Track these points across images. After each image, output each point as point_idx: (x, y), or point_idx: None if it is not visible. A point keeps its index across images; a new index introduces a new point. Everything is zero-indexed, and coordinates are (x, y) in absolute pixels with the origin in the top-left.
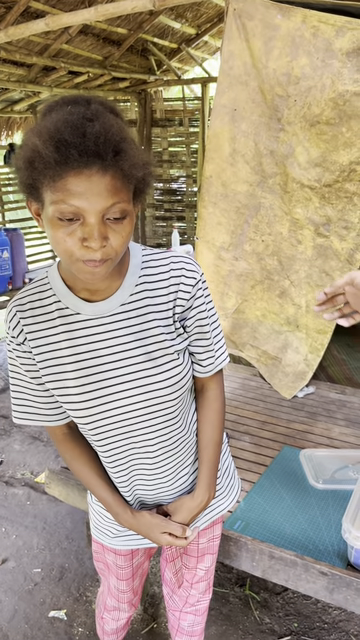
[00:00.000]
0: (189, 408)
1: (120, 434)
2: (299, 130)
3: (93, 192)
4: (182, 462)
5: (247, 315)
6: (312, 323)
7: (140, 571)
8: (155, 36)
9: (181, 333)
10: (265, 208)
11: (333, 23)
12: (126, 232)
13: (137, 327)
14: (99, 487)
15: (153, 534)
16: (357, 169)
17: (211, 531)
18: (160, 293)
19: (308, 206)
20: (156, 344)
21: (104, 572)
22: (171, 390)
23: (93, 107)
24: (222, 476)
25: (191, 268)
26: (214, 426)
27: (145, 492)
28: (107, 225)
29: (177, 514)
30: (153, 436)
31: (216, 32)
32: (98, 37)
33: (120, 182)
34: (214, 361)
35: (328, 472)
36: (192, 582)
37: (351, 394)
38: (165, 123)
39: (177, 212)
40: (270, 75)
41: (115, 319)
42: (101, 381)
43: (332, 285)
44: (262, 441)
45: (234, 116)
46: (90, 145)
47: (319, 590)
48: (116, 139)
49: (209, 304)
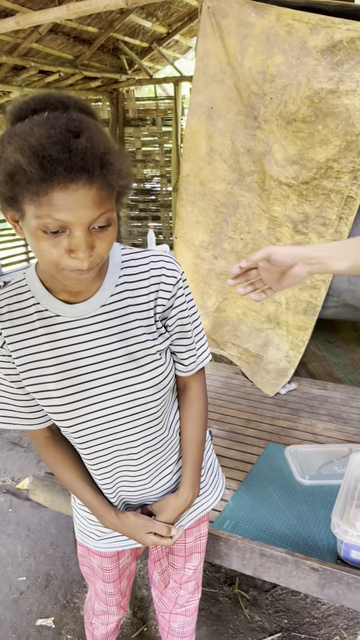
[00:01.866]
0: (171, 407)
1: (104, 436)
2: (276, 128)
3: (80, 206)
4: (165, 461)
5: (228, 313)
6: (292, 320)
7: (127, 572)
8: (126, 35)
9: (163, 332)
10: (243, 206)
11: (307, 21)
12: (111, 238)
13: (118, 328)
14: (83, 490)
15: (138, 535)
16: (334, 166)
17: (197, 530)
18: (141, 293)
19: (286, 204)
20: (138, 344)
21: (90, 577)
22: (154, 390)
23: (74, 116)
24: (206, 474)
25: (171, 267)
26: (197, 424)
27: (129, 493)
28: (93, 234)
29: (162, 513)
30: (137, 437)
31: (187, 31)
32: (69, 36)
33: (105, 192)
34: (196, 360)
35: (314, 468)
36: (181, 582)
37: (332, 389)
38: (138, 123)
39: (152, 212)
40: (246, 73)
41: (96, 320)
42: (83, 383)
43: (248, 259)
44: (247, 439)
45: (210, 114)
46: (77, 161)
47: (310, 586)
48: (102, 152)
49: (190, 302)
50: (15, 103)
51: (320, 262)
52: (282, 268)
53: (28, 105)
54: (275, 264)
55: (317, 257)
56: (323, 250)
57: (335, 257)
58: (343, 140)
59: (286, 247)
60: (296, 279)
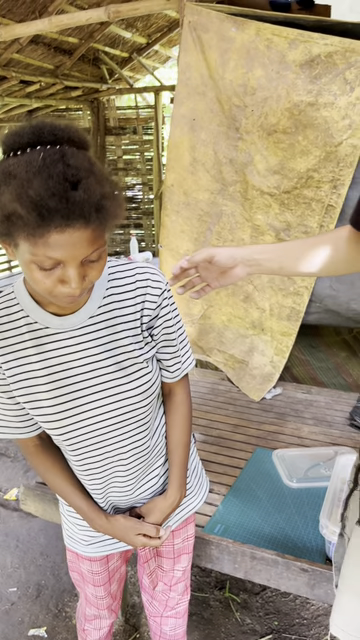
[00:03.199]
0: (158, 412)
1: (94, 443)
2: (257, 139)
3: (75, 246)
4: (152, 465)
5: (213, 320)
6: (276, 326)
7: (117, 576)
8: (106, 45)
9: (149, 341)
10: (227, 215)
11: (286, 36)
12: (102, 266)
13: (106, 338)
14: (73, 495)
15: (128, 537)
16: (314, 176)
17: (185, 531)
18: (127, 304)
19: (268, 212)
20: (126, 354)
21: (79, 582)
22: (142, 397)
23: (71, 162)
24: (191, 476)
25: (156, 278)
26: (182, 429)
27: (118, 497)
28: (85, 265)
29: (150, 515)
30: (126, 443)
31: (166, 41)
32: (49, 46)
33: (99, 231)
34: (181, 366)
35: (301, 471)
36: (170, 584)
37: (317, 393)
38: (119, 131)
39: (134, 220)
40: (227, 86)
41: (84, 331)
42: (73, 392)
43: (189, 260)
44: (235, 444)
45: (193, 126)
46: (74, 210)
47: (300, 587)
48: (98, 199)
49: (174, 311)
50: (8, 134)
51: (258, 264)
52: (222, 268)
53: (21, 138)
54: (216, 265)
55: (256, 259)
56: (260, 253)
57: (269, 259)
58: (323, 151)
59: (227, 249)
60: (235, 279)
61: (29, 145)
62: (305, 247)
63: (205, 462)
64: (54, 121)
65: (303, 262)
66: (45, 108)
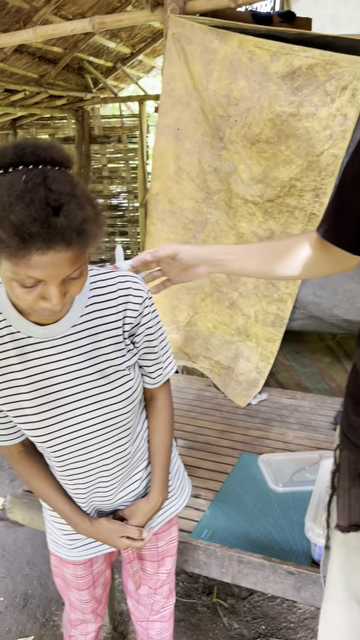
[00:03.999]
0: (140, 417)
1: (78, 449)
2: (241, 148)
3: (56, 266)
4: (135, 468)
5: (199, 327)
6: (261, 332)
7: (102, 580)
8: (91, 55)
9: (131, 349)
10: (211, 223)
11: (268, 48)
12: (83, 282)
13: (89, 346)
14: (57, 500)
15: (112, 539)
16: (297, 185)
17: (168, 533)
18: (109, 312)
19: (252, 220)
20: (108, 362)
21: (63, 588)
22: (124, 404)
23: (53, 186)
24: (173, 478)
25: (138, 287)
26: (164, 433)
27: (102, 501)
28: (66, 282)
29: (133, 518)
30: (109, 449)
31: (150, 51)
32: (34, 56)
33: (81, 251)
34: (162, 372)
35: (287, 475)
36: (155, 588)
37: (301, 398)
38: (103, 140)
39: (119, 227)
40: (211, 96)
41: (67, 340)
42: (57, 400)
43: (153, 255)
44: (221, 450)
45: (178, 135)
46: (56, 235)
47: (287, 589)
48: (79, 222)
49: (156, 319)
50: None
51: (220, 264)
52: (185, 266)
53: (4, 158)
54: (179, 262)
55: (218, 259)
56: (223, 254)
57: (231, 260)
58: (305, 160)
59: (190, 247)
60: (196, 277)
61: (11, 165)
62: (267, 250)
63: (192, 468)
64: (37, 141)
65: (263, 264)
66: (29, 116)
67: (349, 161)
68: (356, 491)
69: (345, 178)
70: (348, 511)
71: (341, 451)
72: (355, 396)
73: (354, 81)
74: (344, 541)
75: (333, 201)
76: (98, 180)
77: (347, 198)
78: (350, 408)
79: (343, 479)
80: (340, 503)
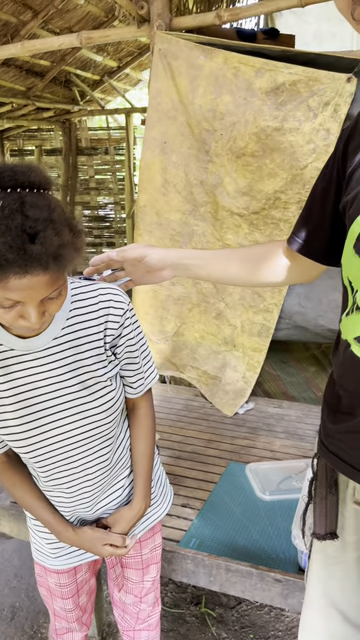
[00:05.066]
0: (122, 426)
1: (61, 460)
2: (226, 162)
3: (34, 288)
4: (118, 476)
5: (186, 337)
6: (248, 342)
7: (86, 588)
8: (78, 68)
9: (112, 360)
10: (198, 235)
11: (252, 65)
12: (62, 300)
13: (71, 359)
14: (40, 509)
15: (95, 547)
16: (281, 197)
17: (152, 540)
18: (91, 324)
19: (238, 232)
20: (89, 373)
21: (47, 598)
22: (106, 414)
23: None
24: (155, 486)
25: (118, 299)
26: (146, 441)
27: (85, 510)
28: (45, 302)
29: (117, 525)
30: (92, 458)
31: (137, 65)
32: (21, 69)
33: (59, 273)
34: (144, 382)
35: (273, 484)
36: (141, 596)
37: (288, 407)
38: (91, 151)
39: (106, 238)
40: (197, 111)
41: (49, 353)
42: (39, 412)
43: (120, 255)
44: (209, 459)
45: (164, 148)
46: (32, 261)
47: (274, 597)
48: (54, 247)
49: (137, 329)
50: None
51: (186, 268)
52: (150, 269)
53: None
54: (145, 265)
55: (185, 264)
56: (190, 258)
57: (198, 265)
58: (289, 173)
59: (158, 251)
60: (161, 280)
61: None
62: (236, 257)
63: (179, 477)
64: (15, 165)
65: (231, 271)
66: (17, 128)
67: (320, 175)
68: (332, 499)
69: (315, 191)
70: (325, 519)
71: (318, 459)
72: (331, 404)
73: (336, 97)
74: (322, 549)
75: (303, 213)
76: (85, 191)
77: (316, 210)
78: (326, 416)
79: (320, 487)
80: (317, 511)
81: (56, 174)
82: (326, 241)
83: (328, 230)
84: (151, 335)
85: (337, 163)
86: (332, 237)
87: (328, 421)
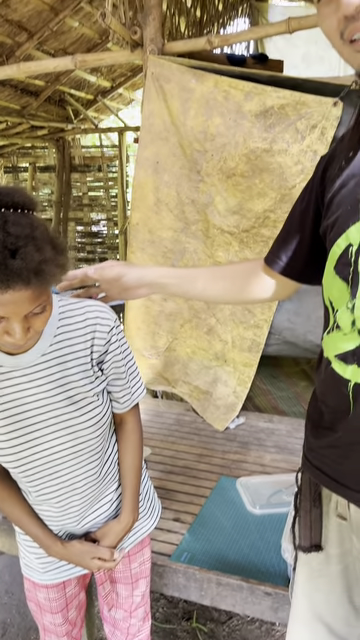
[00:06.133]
0: (110, 441)
1: (49, 474)
2: (217, 181)
3: (17, 304)
4: (106, 490)
5: (178, 352)
6: (238, 357)
7: (76, 602)
8: (72, 88)
9: (99, 376)
10: (190, 252)
11: (242, 88)
12: (47, 316)
13: (58, 374)
14: (29, 524)
15: (84, 561)
16: (270, 216)
17: (141, 554)
18: (78, 341)
19: (229, 250)
20: (77, 389)
21: (37, 613)
22: (93, 429)
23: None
24: (143, 499)
25: (105, 316)
26: (134, 455)
27: (73, 524)
28: (29, 318)
29: (105, 539)
30: (79, 472)
31: (130, 85)
32: (16, 88)
33: (41, 289)
34: (130, 397)
35: (264, 497)
36: (131, 610)
37: (278, 422)
38: (84, 169)
39: (99, 254)
40: (188, 132)
41: (37, 369)
42: (27, 427)
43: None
44: (200, 473)
45: (157, 168)
46: (13, 276)
47: (265, 610)
48: (36, 264)
49: (124, 346)
50: None
51: (163, 287)
52: (126, 287)
53: None
54: (123, 284)
55: (161, 283)
56: (167, 277)
57: (174, 284)
58: (278, 193)
59: (136, 271)
60: (137, 297)
61: None
62: (211, 276)
63: (171, 492)
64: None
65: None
66: (11, 146)
67: (298, 198)
68: (316, 512)
69: (294, 213)
70: (309, 532)
71: (303, 473)
72: (314, 420)
73: (323, 120)
74: (307, 562)
75: (282, 233)
76: (78, 208)
77: (294, 231)
78: (309, 431)
79: (304, 501)
80: (302, 524)
81: (49, 191)
82: (304, 261)
83: (306, 251)
84: (143, 350)
85: (315, 188)
86: (310, 258)
87: (311, 436)
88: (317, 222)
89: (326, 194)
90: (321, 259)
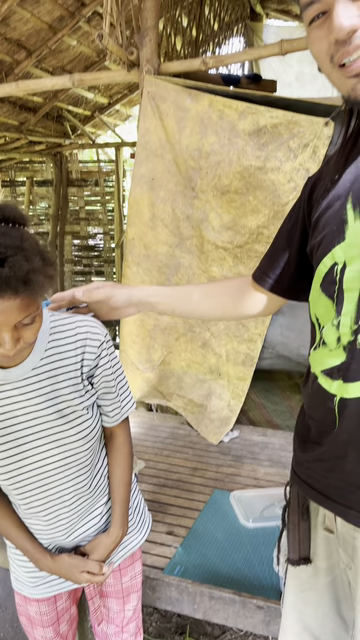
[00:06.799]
0: (99, 454)
1: (39, 486)
2: (212, 198)
3: (6, 313)
4: (95, 504)
5: (173, 366)
6: (233, 371)
7: (67, 616)
8: (70, 104)
9: (89, 389)
10: (184, 267)
11: (235, 108)
12: (37, 328)
13: (49, 388)
14: (19, 537)
15: (73, 575)
16: (264, 232)
17: (132, 568)
18: (68, 355)
19: (223, 265)
20: (67, 402)
21: (28, 628)
22: (83, 442)
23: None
24: (133, 513)
25: (95, 331)
26: (124, 468)
27: (63, 537)
28: (19, 328)
29: (94, 552)
30: (68, 485)
31: (127, 101)
32: (14, 104)
33: (30, 299)
34: (120, 411)
35: (257, 511)
36: (122, 625)
37: (272, 435)
38: (81, 183)
39: (95, 267)
40: (183, 150)
41: (28, 382)
42: (17, 439)
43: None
44: (194, 487)
45: (152, 185)
46: (1, 284)
47: (257, 624)
48: (25, 273)
49: (114, 360)
50: None
51: (151, 306)
52: (115, 307)
53: None
54: (111, 305)
55: (150, 302)
56: (155, 296)
57: (162, 303)
58: (271, 210)
59: (124, 291)
60: (125, 316)
61: None
62: (197, 294)
63: (165, 505)
64: None
65: (193, 307)
66: (9, 160)
67: (286, 217)
68: (304, 525)
69: (282, 230)
70: (298, 545)
71: (291, 487)
72: (302, 434)
73: (314, 139)
74: (296, 575)
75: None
76: (75, 221)
77: (281, 249)
78: (297, 445)
79: (293, 514)
80: (290, 537)
81: (47, 204)
82: (291, 279)
83: (293, 268)
84: (138, 364)
85: (302, 208)
86: (296, 275)
87: (299, 450)
88: (304, 240)
89: (313, 214)
90: (307, 276)
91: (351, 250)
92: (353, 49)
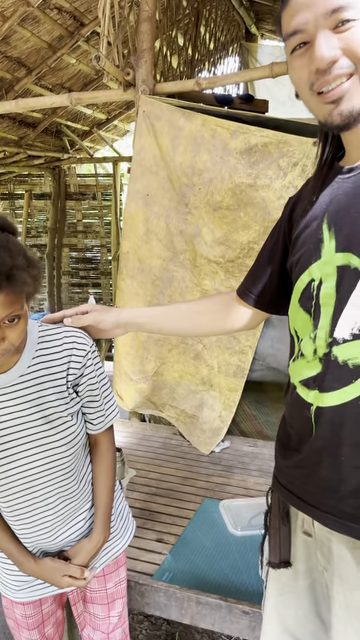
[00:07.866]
0: (84, 461)
1: (23, 490)
2: (204, 214)
3: None
4: (79, 509)
5: (165, 377)
6: (224, 382)
7: (53, 620)
8: (68, 120)
9: (74, 397)
10: (177, 280)
11: (228, 127)
12: (21, 329)
13: (35, 394)
14: (3, 540)
15: (55, 579)
16: (254, 247)
17: (116, 574)
18: (55, 364)
19: (215, 278)
20: (52, 409)
21: (15, 630)
22: (67, 448)
23: None
24: (116, 519)
25: (82, 341)
26: (107, 475)
27: (47, 542)
28: (3, 327)
29: (76, 557)
30: (52, 489)
31: (125, 117)
32: (14, 120)
33: (13, 297)
34: (104, 419)
35: (245, 519)
36: (108, 632)
37: (262, 446)
38: (79, 197)
39: (92, 279)
40: (177, 167)
41: (15, 389)
42: (3, 443)
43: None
44: (184, 496)
45: (147, 200)
46: None
47: (243, 629)
48: (7, 268)
49: (99, 370)
50: None
51: (139, 327)
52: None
53: None
54: (100, 327)
55: (137, 323)
56: (142, 317)
57: (149, 323)
58: (262, 225)
59: (112, 315)
60: (114, 336)
61: None
62: (183, 313)
63: (155, 513)
64: None
65: (179, 326)
66: (8, 174)
67: (269, 235)
68: (285, 530)
69: (264, 248)
70: (279, 548)
71: (273, 493)
72: (283, 442)
73: (303, 158)
74: (276, 578)
75: (253, 268)
76: (73, 234)
77: (264, 265)
78: (278, 452)
79: (274, 519)
80: (272, 542)
81: (45, 217)
82: (273, 294)
83: (275, 284)
84: (132, 374)
85: (283, 227)
86: (278, 291)
87: (280, 457)
88: (285, 257)
89: (293, 232)
90: (288, 292)
91: (326, 268)
92: (332, 78)
